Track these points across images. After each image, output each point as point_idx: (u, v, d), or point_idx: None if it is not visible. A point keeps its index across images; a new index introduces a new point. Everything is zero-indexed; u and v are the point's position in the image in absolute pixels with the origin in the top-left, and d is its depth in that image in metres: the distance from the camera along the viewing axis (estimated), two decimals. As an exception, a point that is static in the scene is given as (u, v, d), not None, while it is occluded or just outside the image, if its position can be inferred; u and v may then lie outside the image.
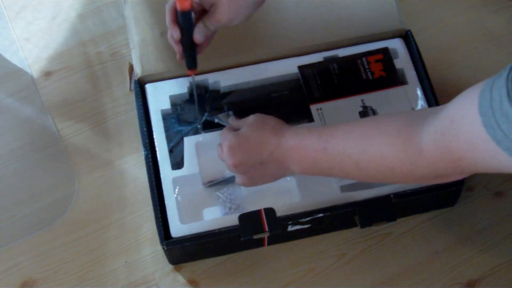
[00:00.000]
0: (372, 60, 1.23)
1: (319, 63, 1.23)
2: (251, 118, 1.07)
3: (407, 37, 1.26)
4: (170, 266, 1.18)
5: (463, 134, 0.79)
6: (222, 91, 1.23)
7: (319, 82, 1.21)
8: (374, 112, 1.19)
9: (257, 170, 1.05)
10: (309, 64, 1.23)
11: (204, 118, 1.19)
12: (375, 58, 1.23)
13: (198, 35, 1.07)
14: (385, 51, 1.24)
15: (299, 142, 1.00)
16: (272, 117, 1.07)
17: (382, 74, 1.22)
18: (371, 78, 1.22)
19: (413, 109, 1.19)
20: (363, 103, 1.20)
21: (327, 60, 1.24)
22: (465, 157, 0.80)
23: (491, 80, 0.75)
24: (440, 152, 0.83)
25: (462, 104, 0.80)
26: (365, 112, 1.19)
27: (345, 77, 1.22)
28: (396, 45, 1.25)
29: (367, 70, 1.22)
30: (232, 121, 1.12)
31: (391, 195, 1.12)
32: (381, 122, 0.94)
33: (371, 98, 1.21)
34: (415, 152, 0.86)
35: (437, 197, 1.17)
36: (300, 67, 1.22)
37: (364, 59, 1.23)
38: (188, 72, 1.13)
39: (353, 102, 1.21)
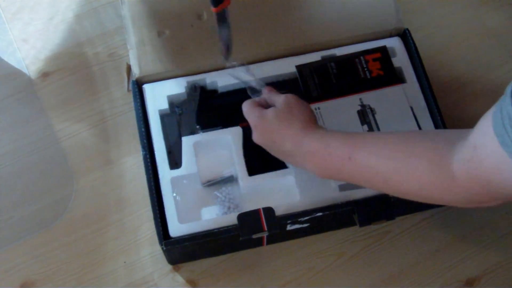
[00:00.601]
0: (370, 59, 1.23)
1: (317, 62, 1.23)
2: (282, 102, 1.05)
3: (405, 36, 1.26)
4: (169, 266, 1.18)
5: (486, 159, 0.79)
6: (219, 91, 1.23)
7: (317, 81, 1.21)
8: (373, 111, 1.19)
9: (276, 149, 1.06)
10: (307, 64, 1.23)
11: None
12: (373, 57, 1.23)
13: None
14: (383, 49, 1.24)
15: (322, 148, 0.99)
16: (304, 106, 1.06)
17: (380, 73, 1.22)
18: (369, 77, 1.22)
19: (412, 109, 1.19)
20: (362, 102, 1.20)
21: (325, 59, 1.24)
22: (493, 180, 0.80)
23: (500, 100, 0.75)
24: (470, 179, 0.82)
25: (481, 129, 0.80)
26: (364, 111, 1.19)
27: (343, 76, 1.22)
28: (394, 43, 1.25)
29: (365, 69, 1.22)
30: (264, 93, 1.12)
31: (390, 194, 1.12)
32: (411, 141, 0.93)
33: (369, 97, 1.20)
34: (448, 178, 0.85)
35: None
36: (298, 66, 1.22)
37: (362, 58, 1.23)
38: (212, 9, 1.06)
39: (351, 101, 1.20)
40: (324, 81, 1.22)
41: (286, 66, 1.23)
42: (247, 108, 1.09)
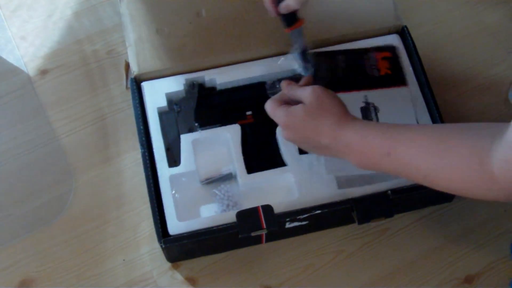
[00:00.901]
0: (379, 58, 1.23)
1: (326, 52, 1.21)
2: (310, 95, 1.03)
3: (403, 33, 1.26)
4: (168, 264, 1.18)
5: None
6: (218, 88, 1.22)
7: (324, 72, 1.19)
8: (376, 109, 1.19)
9: (311, 145, 1.05)
10: (316, 52, 1.20)
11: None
12: (382, 55, 1.23)
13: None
14: (392, 49, 1.23)
15: (360, 141, 0.98)
16: (333, 97, 1.03)
17: (388, 72, 1.22)
18: (376, 75, 1.21)
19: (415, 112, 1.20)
20: (366, 99, 1.20)
21: (335, 51, 1.22)
22: None
23: None
24: (510, 178, 0.81)
25: None
26: (367, 108, 1.19)
27: (351, 71, 1.21)
28: (393, 41, 1.25)
29: (373, 66, 1.22)
30: (282, 87, 1.10)
31: (389, 191, 1.11)
32: (450, 138, 0.91)
33: (374, 95, 1.20)
34: (488, 177, 0.84)
35: (435, 193, 1.16)
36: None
37: (371, 54, 1.23)
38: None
39: (356, 97, 1.20)
40: (331, 73, 1.20)
41: (285, 64, 1.23)
42: (272, 108, 1.07)
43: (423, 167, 0.92)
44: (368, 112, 1.19)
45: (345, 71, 1.21)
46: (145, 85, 1.22)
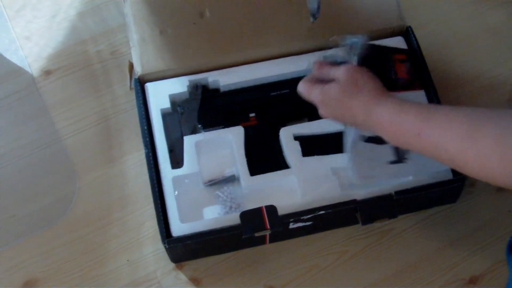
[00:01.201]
0: (397, 59, 1.20)
1: (371, 45, 1.15)
2: (344, 74, 1.04)
3: (407, 34, 1.25)
4: (172, 264, 1.18)
5: None
6: (221, 90, 1.22)
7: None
8: None
9: (348, 121, 1.06)
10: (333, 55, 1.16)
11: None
12: (399, 58, 1.20)
13: None
14: (408, 52, 1.22)
15: (392, 119, 0.98)
16: (368, 75, 1.04)
17: (404, 76, 1.19)
18: (393, 77, 1.19)
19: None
20: None
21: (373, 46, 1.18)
22: None
23: None
24: None
25: None
26: None
27: (374, 64, 1.14)
28: (398, 43, 1.25)
29: (391, 68, 1.19)
30: (314, 69, 1.10)
31: (392, 192, 1.11)
32: (483, 121, 0.90)
33: None
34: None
35: (439, 194, 1.17)
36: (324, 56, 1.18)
37: (390, 55, 1.20)
38: None
39: None
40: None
41: (288, 65, 1.23)
42: (305, 88, 1.09)
43: (452, 150, 0.91)
44: None
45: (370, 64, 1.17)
46: (149, 86, 1.22)
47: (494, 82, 1.33)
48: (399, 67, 1.20)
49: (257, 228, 1.09)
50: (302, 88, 1.09)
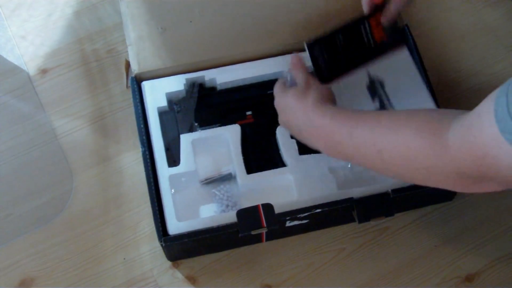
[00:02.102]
0: (374, 24, 1.14)
1: (324, 37, 1.14)
2: (302, 79, 1.07)
3: (404, 32, 1.25)
4: (169, 263, 1.18)
5: (488, 128, 0.77)
6: (218, 88, 1.22)
7: (326, 58, 1.14)
8: (382, 84, 1.18)
9: (292, 127, 1.08)
10: (317, 39, 1.13)
11: None
12: (376, 21, 1.14)
13: None
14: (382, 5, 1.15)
15: (327, 123, 0.99)
16: (317, 87, 1.05)
17: (383, 38, 1.15)
18: (373, 44, 1.15)
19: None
20: (370, 76, 1.19)
21: (333, 31, 1.15)
22: (489, 155, 0.78)
23: (505, 86, 0.75)
24: (464, 148, 0.81)
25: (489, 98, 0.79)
26: (373, 86, 1.18)
27: (350, 46, 1.15)
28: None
29: (369, 35, 1.14)
30: (291, 74, 1.12)
31: (389, 190, 1.11)
32: (411, 114, 0.93)
33: (376, 68, 1.19)
34: (440, 145, 0.84)
35: (435, 192, 1.17)
36: (309, 45, 1.13)
37: (366, 22, 1.14)
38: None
39: (360, 77, 1.20)
40: (333, 56, 1.15)
41: (284, 64, 1.22)
42: (275, 88, 1.11)
43: (379, 141, 0.93)
44: (375, 89, 1.18)
45: (345, 48, 1.14)
46: (146, 85, 1.22)
47: (491, 80, 1.33)
48: (377, 32, 1.15)
49: (253, 226, 1.09)
50: (274, 88, 1.11)
